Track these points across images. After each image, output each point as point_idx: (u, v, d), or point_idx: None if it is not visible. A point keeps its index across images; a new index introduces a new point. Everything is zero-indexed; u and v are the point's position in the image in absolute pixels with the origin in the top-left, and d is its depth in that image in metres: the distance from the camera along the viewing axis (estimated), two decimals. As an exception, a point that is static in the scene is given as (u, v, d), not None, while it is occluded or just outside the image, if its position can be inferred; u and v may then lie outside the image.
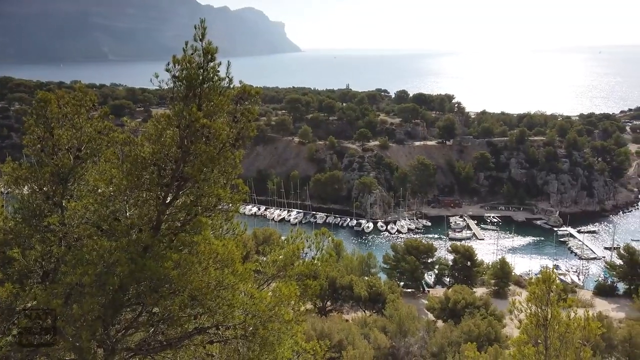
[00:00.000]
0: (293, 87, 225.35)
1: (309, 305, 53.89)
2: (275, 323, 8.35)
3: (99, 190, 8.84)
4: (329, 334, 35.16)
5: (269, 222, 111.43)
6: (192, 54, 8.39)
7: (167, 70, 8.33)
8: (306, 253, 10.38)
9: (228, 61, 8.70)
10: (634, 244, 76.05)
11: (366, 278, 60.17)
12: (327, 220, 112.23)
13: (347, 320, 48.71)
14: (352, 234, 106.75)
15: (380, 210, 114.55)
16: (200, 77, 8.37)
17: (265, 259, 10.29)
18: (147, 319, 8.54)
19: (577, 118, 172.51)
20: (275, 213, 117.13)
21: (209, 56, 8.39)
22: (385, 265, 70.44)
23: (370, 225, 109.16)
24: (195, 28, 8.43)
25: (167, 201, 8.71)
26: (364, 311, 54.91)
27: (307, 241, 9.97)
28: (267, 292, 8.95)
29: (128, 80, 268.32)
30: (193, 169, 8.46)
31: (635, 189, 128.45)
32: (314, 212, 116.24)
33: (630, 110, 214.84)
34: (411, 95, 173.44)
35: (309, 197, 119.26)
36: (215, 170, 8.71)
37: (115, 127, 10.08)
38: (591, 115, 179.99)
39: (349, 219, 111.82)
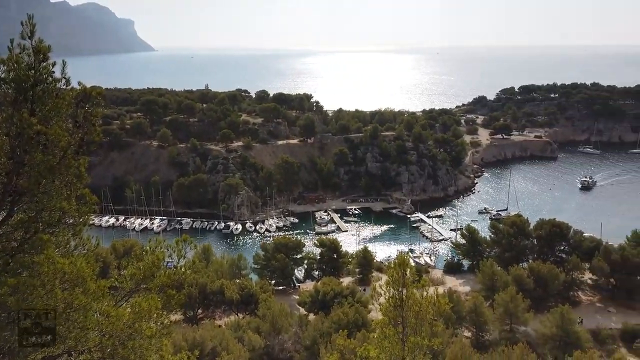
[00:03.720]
0: (148, 88, 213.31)
1: (177, 316, 51.69)
2: (136, 340, 7.82)
3: None
4: (201, 343, 34.14)
5: (129, 232, 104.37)
6: (20, 53, 7.49)
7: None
8: (167, 262, 9.90)
9: (63, 60, 7.91)
10: (473, 225, 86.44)
11: (237, 280, 59.66)
12: (194, 226, 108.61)
13: (220, 326, 47.75)
14: (221, 237, 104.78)
15: (248, 211, 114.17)
16: (32, 79, 7.51)
17: (123, 273, 9.59)
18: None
19: (420, 113, 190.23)
20: (137, 222, 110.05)
21: (41, 55, 7.55)
22: (256, 266, 70.50)
23: (239, 226, 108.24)
24: (23, 24, 7.54)
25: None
26: (237, 314, 54.36)
27: (168, 250, 9.49)
28: (126, 309, 8.35)
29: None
30: (29, 181, 7.58)
31: (472, 175, 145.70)
32: (180, 219, 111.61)
33: (464, 105, 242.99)
34: (271, 95, 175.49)
35: (173, 203, 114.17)
36: (56, 181, 7.88)
37: None
38: (432, 110, 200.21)
39: (216, 223, 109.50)
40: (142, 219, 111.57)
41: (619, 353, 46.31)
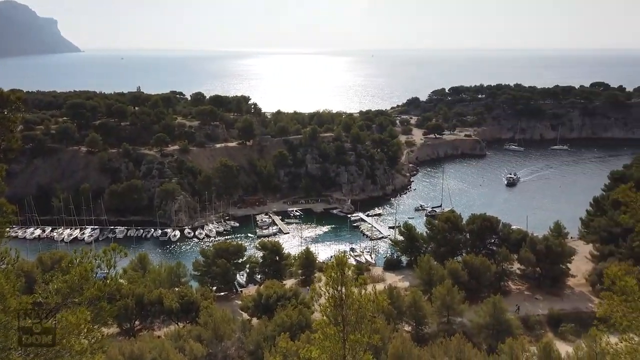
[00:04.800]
0: (75, 90, 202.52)
1: (112, 329, 49.47)
2: (65, 357, 7.40)
3: None
4: (139, 356, 32.89)
5: (58, 244, 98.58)
6: None
7: None
8: (99, 273, 9.44)
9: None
10: (410, 222, 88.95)
11: (177, 289, 57.95)
12: (129, 234, 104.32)
13: (159, 337, 46.21)
14: (158, 245, 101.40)
15: (186, 217, 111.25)
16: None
17: (48, 287, 9.02)
18: None
19: (357, 115, 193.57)
20: (65, 233, 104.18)
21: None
22: (196, 273, 68.78)
23: (177, 233, 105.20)
24: None
25: None
26: (177, 323, 52.77)
27: (97, 260, 9.04)
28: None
29: None
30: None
31: (408, 174, 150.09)
32: (113, 227, 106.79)
33: (398, 106, 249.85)
34: (208, 97, 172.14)
35: (105, 211, 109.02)
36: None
37: None
38: (369, 111, 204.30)
39: (153, 230, 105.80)
40: (71, 229, 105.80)
41: (546, 337, 49.22)
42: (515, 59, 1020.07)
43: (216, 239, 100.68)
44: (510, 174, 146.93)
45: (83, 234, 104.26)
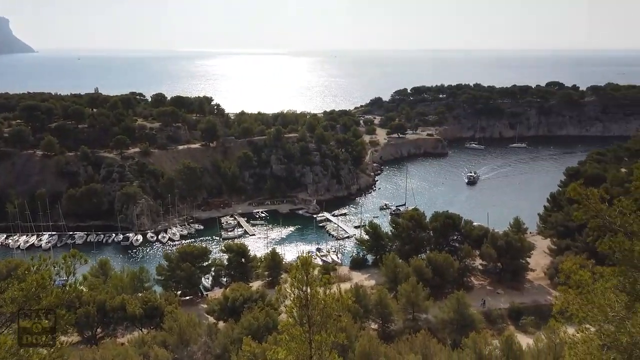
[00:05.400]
0: (28, 92, 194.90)
1: (73, 337, 47.96)
2: (21, 369, 7.12)
3: None
4: (101, 364, 31.98)
5: (13, 251, 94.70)
6: None
7: None
8: (57, 280, 9.14)
9: None
10: (375, 221, 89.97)
11: (140, 294, 56.69)
12: (89, 239, 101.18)
13: (122, 344, 45.09)
14: (120, 250, 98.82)
15: (149, 220, 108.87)
16: None
17: (3, 295, 8.66)
18: None
19: (322, 115, 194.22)
20: (21, 240, 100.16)
21: None
22: (159, 277, 67.51)
23: (140, 237, 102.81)
24: None
25: None
26: (141, 329, 51.65)
27: (55, 267, 8.75)
28: (8, 335, 7.58)
29: None
30: None
31: (372, 174, 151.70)
32: (72, 233, 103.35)
33: (362, 106, 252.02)
34: (169, 98, 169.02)
35: (63, 217, 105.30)
36: None
37: None
38: (332, 112, 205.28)
39: (114, 235, 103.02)
40: (27, 235, 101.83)
41: (508, 331, 50.78)
42: (475, 60, 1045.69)
43: (180, 242, 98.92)
44: (471, 173, 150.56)
45: (40, 240, 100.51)
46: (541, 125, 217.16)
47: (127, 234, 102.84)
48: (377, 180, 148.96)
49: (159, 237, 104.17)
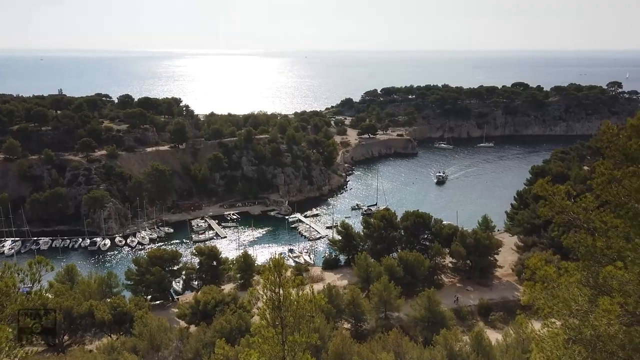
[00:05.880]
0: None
1: (39, 346, 46.50)
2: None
3: None
4: (68, 373, 31.10)
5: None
6: None
7: None
8: (22, 288, 8.85)
9: None
10: (347, 221, 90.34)
11: (109, 300, 55.43)
12: (54, 245, 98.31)
13: (91, 351, 43.95)
14: (87, 255, 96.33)
15: (117, 224, 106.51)
16: None
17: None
18: None
19: (292, 116, 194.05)
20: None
21: None
22: (129, 282, 66.15)
23: (107, 242, 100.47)
24: None
25: None
26: (110, 336, 50.53)
27: (19, 274, 8.46)
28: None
29: None
30: None
31: (344, 174, 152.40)
32: (36, 238, 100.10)
33: (332, 107, 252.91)
34: (136, 99, 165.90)
35: (27, 222, 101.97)
36: None
37: None
38: (304, 112, 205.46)
39: (81, 240, 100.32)
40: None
41: (477, 327, 51.74)
42: (445, 60, 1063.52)
43: (150, 246, 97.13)
44: (440, 173, 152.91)
45: (2, 247, 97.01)
46: (507, 125, 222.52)
47: (95, 239, 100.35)
48: (348, 181, 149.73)
49: (128, 241, 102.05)
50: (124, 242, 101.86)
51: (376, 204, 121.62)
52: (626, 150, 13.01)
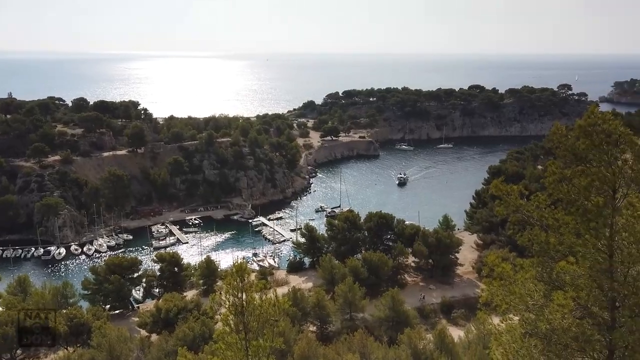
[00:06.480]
0: None
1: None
2: None
3: None
4: (22, 389, 29.75)
5: None
6: None
7: None
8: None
9: None
10: (311, 223, 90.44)
11: (64, 311, 53.43)
12: (5, 255, 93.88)
13: (45, 365, 42.24)
14: (41, 265, 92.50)
15: (72, 232, 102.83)
16: None
17: None
18: None
19: (255, 118, 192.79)
20: None
21: None
22: (86, 292, 64.00)
23: (62, 250, 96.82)
24: None
25: None
26: (67, 348, 48.71)
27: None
28: None
29: None
30: None
31: (307, 176, 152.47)
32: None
33: (295, 109, 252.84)
34: (92, 103, 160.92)
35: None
36: None
37: None
38: (266, 115, 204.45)
39: (33, 249, 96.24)
40: None
41: (440, 324, 52.72)
42: (403, 63, 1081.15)
43: (108, 254, 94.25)
44: (400, 174, 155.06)
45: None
46: (465, 126, 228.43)
47: (49, 248, 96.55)
48: (312, 183, 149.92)
49: (84, 249, 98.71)
50: (80, 250, 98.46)
51: (340, 206, 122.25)
52: (575, 150, 13.55)
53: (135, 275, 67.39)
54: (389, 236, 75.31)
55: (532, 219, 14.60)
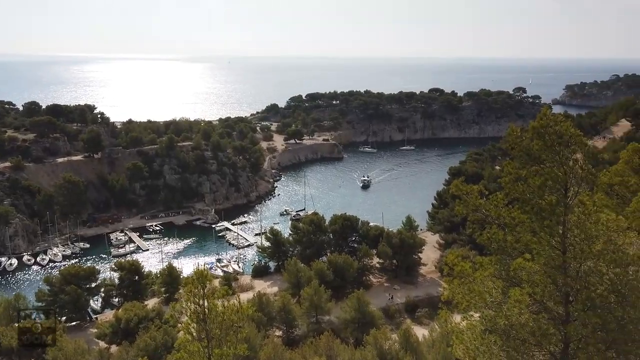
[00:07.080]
0: None
1: None
2: None
3: None
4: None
5: None
6: None
7: None
8: None
9: None
10: (276, 227, 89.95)
11: (17, 324, 51.07)
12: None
13: (-3, 382, 40.29)
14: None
15: (25, 242, 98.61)
16: None
17: None
18: None
19: (217, 122, 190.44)
20: None
21: None
22: (40, 304, 61.42)
23: (14, 261, 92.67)
24: None
25: None
26: (20, 364, 46.48)
27: None
28: None
29: None
30: None
31: (271, 180, 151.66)
32: None
33: (258, 112, 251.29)
34: (44, 107, 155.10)
35: None
36: None
37: None
38: (228, 119, 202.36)
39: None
40: None
41: (405, 324, 53.35)
42: (364, 67, 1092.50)
43: (63, 263, 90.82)
44: (364, 177, 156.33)
45: None
46: (426, 128, 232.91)
47: None
48: (276, 187, 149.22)
49: (38, 259, 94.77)
50: (33, 260, 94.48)
51: (304, 209, 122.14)
52: (529, 150, 13.99)
53: (93, 285, 65.34)
54: (353, 238, 75.79)
55: (490, 218, 14.97)
